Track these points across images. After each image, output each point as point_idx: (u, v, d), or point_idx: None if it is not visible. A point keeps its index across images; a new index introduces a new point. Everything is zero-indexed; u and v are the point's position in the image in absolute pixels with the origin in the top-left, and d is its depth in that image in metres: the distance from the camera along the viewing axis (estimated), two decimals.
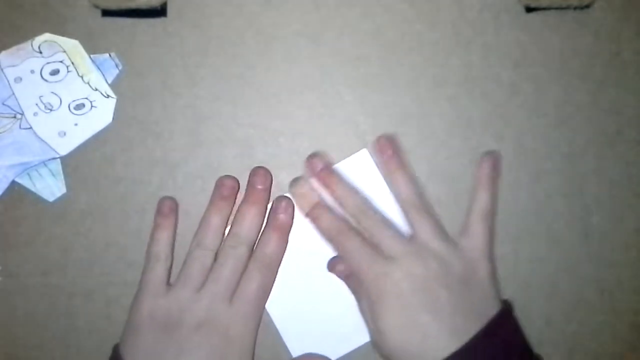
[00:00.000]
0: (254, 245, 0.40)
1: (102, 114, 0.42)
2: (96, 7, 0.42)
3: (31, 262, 0.41)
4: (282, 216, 0.40)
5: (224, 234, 0.40)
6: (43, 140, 0.41)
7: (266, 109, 0.42)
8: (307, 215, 0.40)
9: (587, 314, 0.41)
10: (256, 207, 0.40)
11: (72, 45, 0.42)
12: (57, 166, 0.41)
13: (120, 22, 0.42)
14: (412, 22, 0.42)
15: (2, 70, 0.42)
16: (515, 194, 0.41)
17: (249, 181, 0.41)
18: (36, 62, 0.42)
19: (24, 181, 0.41)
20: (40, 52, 0.42)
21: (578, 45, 0.42)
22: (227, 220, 0.40)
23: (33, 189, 0.41)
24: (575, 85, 0.42)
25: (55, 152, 0.41)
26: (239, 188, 0.41)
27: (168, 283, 0.39)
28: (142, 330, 0.37)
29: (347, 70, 0.42)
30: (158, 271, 0.39)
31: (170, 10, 0.42)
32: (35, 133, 0.41)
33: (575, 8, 0.42)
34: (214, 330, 0.37)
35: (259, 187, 0.40)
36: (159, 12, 0.42)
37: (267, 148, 0.42)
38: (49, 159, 0.41)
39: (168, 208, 0.40)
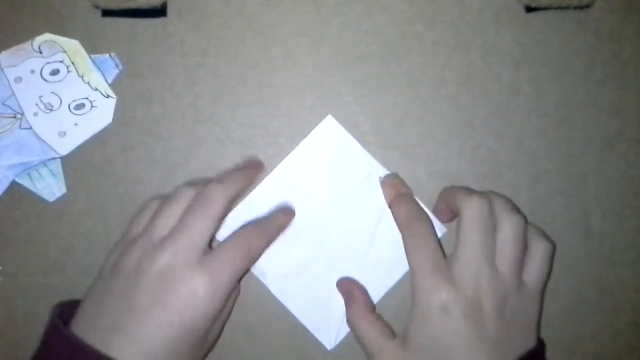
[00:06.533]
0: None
1: (102, 114, 0.42)
2: (96, 7, 0.42)
3: (31, 262, 0.41)
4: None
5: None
6: (43, 140, 0.41)
7: (266, 109, 0.42)
8: (390, 203, 0.40)
9: (587, 314, 0.41)
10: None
11: (72, 45, 0.42)
12: (57, 166, 0.41)
13: (120, 22, 0.42)
14: (412, 22, 0.42)
15: (2, 70, 0.42)
16: (515, 194, 0.41)
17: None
18: (36, 62, 0.42)
19: (24, 181, 0.41)
20: (40, 52, 0.42)
21: (578, 45, 0.42)
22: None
23: (33, 189, 0.41)
24: (575, 85, 0.42)
25: (55, 152, 0.41)
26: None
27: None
28: (103, 277, 0.36)
29: (347, 70, 0.42)
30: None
31: (170, 10, 0.42)
32: (35, 133, 0.41)
33: (575, 8, 0.42)
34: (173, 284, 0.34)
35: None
36: (159, 12, 0.42)
37: (267, 148, 0.42)
38: (49, 159, 0.41)
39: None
